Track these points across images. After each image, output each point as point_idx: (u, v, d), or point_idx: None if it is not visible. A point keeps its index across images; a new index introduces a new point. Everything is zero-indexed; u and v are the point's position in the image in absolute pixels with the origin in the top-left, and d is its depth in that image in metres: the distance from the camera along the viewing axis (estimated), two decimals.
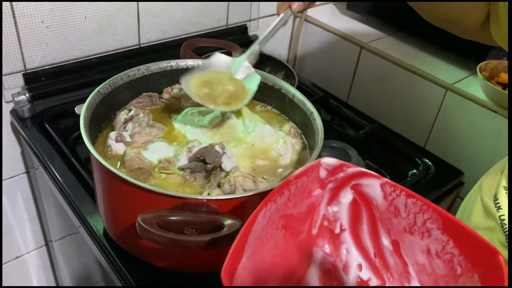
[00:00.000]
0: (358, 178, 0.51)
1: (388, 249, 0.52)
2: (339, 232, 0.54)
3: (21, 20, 0.90)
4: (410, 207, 0.49)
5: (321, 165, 0.51)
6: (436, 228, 0.47)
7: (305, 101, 0.73)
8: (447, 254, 0.47)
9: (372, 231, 0.52)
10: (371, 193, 0.51)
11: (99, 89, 0.69)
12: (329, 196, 0.53)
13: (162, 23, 1.12)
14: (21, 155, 1.06)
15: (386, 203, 0.50)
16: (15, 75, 0.94)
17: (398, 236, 0.51)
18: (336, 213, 0.54)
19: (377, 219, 0.52)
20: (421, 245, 0.49)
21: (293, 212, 0.51)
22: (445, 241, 0.47)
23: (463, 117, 1.11)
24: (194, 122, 0.74)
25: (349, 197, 0.52)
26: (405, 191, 0.49)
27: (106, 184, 0.62)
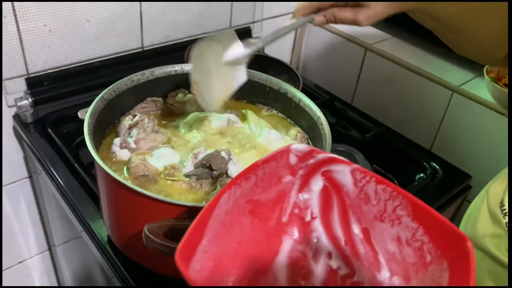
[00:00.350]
0: (328, 164, 0.50)
1: (359, 237, 0.51)
2: (309, 220, 0.53)
3: (23, 24, 0.89)
4: (380, 194, 0.48)
5: (290, 151, 0.50)
6: (406, 215, 0.47)
7: (312, 105, 0.72)
8: (417, 242, 0.46)
9: (342, 219, 0.52)
10: (342, 179, 0.50)
11: (103, 94, 0.68)
12: (299, 183, 0.52)
13: (165, 26, 1.11)
14: (24, 159, 1.05)
15: (357, 190, 0.50)
16: (17, 80, 0.93)
17: (368, 223, 0.50)
18: (307, 201, 0.53)
19: (347, 206, 0.51)
20: (392, 233, 0.48)
21: (261, 198, 0.50)
22: (415, 228, 0.46)
23: (469, 119, 1.09)
24: (200, 127, 0.73)
25: (320, 184, 0.52)
26: (375, 177, 0.48)
27: (110, 192, 0.61)
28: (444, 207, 0.89)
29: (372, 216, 0.49)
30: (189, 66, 0.78)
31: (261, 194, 0.49)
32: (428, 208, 0.46)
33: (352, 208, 0.51)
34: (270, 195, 0.51)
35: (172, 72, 0.78)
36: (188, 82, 0.79)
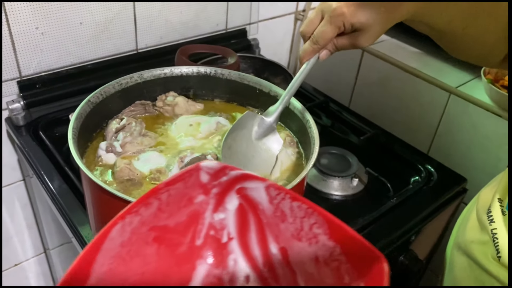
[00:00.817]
0: (243, 181, 0.48)
1: (277, 257, 0.49)
2: (226, 241, 0.50)
3: (15, 27, 0.89)
4: (296, 211, 0.46)
5: (201, 169, 0.47)
6: (322, 233, 0.44)
7: (301, 108, 0.71)
8: (335, 262, 0.44)
9: (260, 238, 0.49)
10: (257, 197, 0.48)
11: (90, 98, 0.68)
12: (214, 202, 0.49)
13: (160, 28, 1.10)
14: (18, 162, 1.05)
15: (272, 207, 0.47)
16: (9, 83, 0.93)
17: (286, 243, 0.48)
18: (222, 221, 0.50)
19: (264, 225, 0.49)
20: (309, 252, 0.46)
21: (169, 223, 0.46)
22: (332, 248, 0.44)
23: (467, 121, 1.08)
24: (188, 130, 0.73)
25: (235, 202, 0.49)
26: (290, 193, 0.46)
27: (93, 197, 0.60)
28: (439, 210, 0.88)
29: (290, 234, 0.47)
30: (178, 69, 0.78)
31: (168, 219, 0.46)
32: (344, 227, 0.43)
33: (269, 227, 0.49)
34: (180, 218, 0.47)
35: (162, 75, 0.77)
36: (177, 84, 0.79)
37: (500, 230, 0.61)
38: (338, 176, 0.88)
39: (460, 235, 0.70)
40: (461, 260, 0.68)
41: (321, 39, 0.62)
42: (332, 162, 0.91)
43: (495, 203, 0.64)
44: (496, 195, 0.64)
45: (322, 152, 0.93)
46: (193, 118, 0.75)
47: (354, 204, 0.87)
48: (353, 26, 0.59)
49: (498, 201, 0.64)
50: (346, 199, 0.87)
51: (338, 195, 0.87)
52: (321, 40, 0.62)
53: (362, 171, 0.91)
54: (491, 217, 0.62)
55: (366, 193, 0.88)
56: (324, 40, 0.62)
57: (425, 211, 0.85)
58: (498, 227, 0.61)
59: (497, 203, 0.64)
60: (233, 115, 0.78)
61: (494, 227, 0.62)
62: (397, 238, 0.80)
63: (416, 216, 0.83)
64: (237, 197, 0.49)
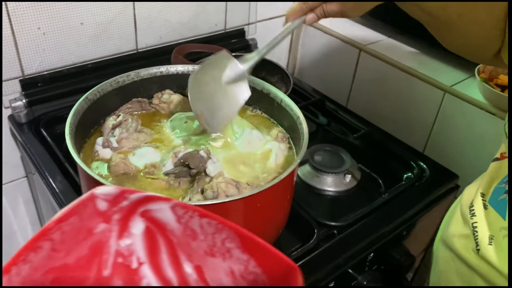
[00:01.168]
0: (145, 204, 0.46)
1: (192, 276, 0.48)
2: (137, 266, 0.49)
3: (17, 27, 0.92)
4: (206, 228, 0.45)
5: (96, 197, 0.44)
6: (235, 247, 0.44)
7: (292, 105, 0.73)
8: (251, 275, 0.44)
9: (172, 259, 0.48)
10: (163, 218, 0.46)
11: (87, 95, 0.70)
12: (117, 229, 0.47)
13: (159, 28, 1.13)
14: (21, 159, 1.07)
15: (181, 227, 0.46)
16: (12, 81, 0.96)
17: (200, 260, 0.47)
18: (130, 246, 0.48)
19: (175, 245, 0.47)
20: (224, 267, 0.45)
21: (68, 261, 0.44)
22: (246, 261, 0.44)
23: (461, 119, 1.09)
24: (183, 127, 0.75)
25: (141, 226, 0.47)
26: (198, 211, 0.45)
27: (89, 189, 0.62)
28: (430, 206, 0.89)
29: (203, 252, 0.46)
30: (174, 68, 0.80)
31: (66, 257, 0.43)
32: (255, 239, 0.43)
33: (180, 247, 0.47)
34: (81, 252, 0.45)
35: (158, 73, 0.80)
36: (173, 82, 0.81)
37: (480, 224, 0.62)
38: (332, 173, 0.89)
39: (445, 230, 0.72)
40: (445, 253, 0.70)
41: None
42: (325, 159, 0.93)
43: (477, 198, 0.65)
44: (479, 190, 0.66)
45: (316, 149, 0.94)
46: (188, 115, 0.77)
47: (347, 200, 0.88)
48: None
49: (480, 196, 0.65)
50: (339, 195, 0.89)
51: (331, 191, 0.89)
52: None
53: (355, 168, 0.93)
54: (473, 211, 0.64)
55: (359, 189, 0.90)
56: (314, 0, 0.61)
57: (417, 207, 0.87)
58: (479, 221, 0.63)
59: (480, 197, 0.65)
60: None
61: (475, 221, 0.63)
62: (388, 232, 0.82)
63: (407, 211, 0.85)
64: (142, 220, 0.47)
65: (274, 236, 0.69)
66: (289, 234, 0.78)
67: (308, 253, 0.74)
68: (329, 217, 0.81)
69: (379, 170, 0.93)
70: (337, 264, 0.75)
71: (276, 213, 0.66)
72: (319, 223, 0.79)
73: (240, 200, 0.56)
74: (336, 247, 0.77)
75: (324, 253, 0.75)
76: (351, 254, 0.77)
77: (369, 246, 0.79)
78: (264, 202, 0.60)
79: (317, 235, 0.76)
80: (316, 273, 0.72)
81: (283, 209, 0.68)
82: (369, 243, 0.79)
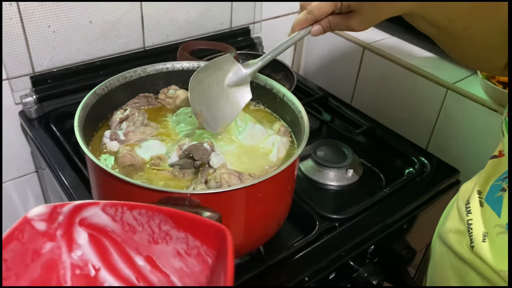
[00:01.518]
0: (79, 213, 0.47)
1: (146, 268, 0.49)
2: (95, 273, 0.50)
3: (28, 25, 0.94)
4: (139, 219, 0.47)
5: (31, 219, 0.45)
6: (171, 228, 0.46)
7: (294, 100, 0.75)
8: (193, 249, 0.46)
9: (124, 258, 0.50)
10: (99, 221, 0.48)
11: (95, 90, 0.73)
12: (65, 244, 0.48)
13: (166, 27, 1.15)
14: (31, 154, 1.10)
15: (119, 225, 0.48)
16: (23, 78, 0.99)
17: (147, 251, 0.49)
18: (82, 256, 0.50)
19: (121, 243, 0.49)
20: (170, 250, 0.47)
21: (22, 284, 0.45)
22: (185, 237, 0.46)
23: (463, 116, 1.11)
24: (187, 121, 0.77)
25: (84, 235, 0.49)
26: (126, 205, 0.47)
27: (98, 180, 0.65)
28: (431, 201, 0.91)
29: (146, 242, 0.48)
30: (180, 64, 0.82)
31: (18, 281, 0.44)
32: (183, 214, 0.45)
33: (126, 243, 0.49)
34: (34, 274, 0.46)
35: (164, 69, 0.82)
36: (178, 78, 0.84)
37: (476, 221, 0.63)
38: (334, 167, 0.91)
39: (442, 225, 0.73)
40: (441, 248, 0.71)
41: (316, 10, 0.62)
42: (328, 154, 0.95)
43: (474, 195, 0.66)
44: (476, 187, 0.67)
45: (319, 145, 0.96)
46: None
47: (349, 194, 0.90)
48: (349, 6, 0.59)
49: (477, 193, 0.66)
50: (341, 189, 0.91)
51: (333, 186, 0.91)
52: (316, 11, 0.62)
53: (357, 163, 0.94)
54: (469, 208, 0.64)
55: (361, 184, 0.92)
56: (319, 12, 0.62)
57: (417, 201, 0.88)
58: (474, 218, 0.63)
59: (476, 194, 0.65)
60: None
61: (470, 218, 0.64)
62: (389, 225, 0.83)
63: (408, 205, 0.86)
64: (83, 229, 0.48)
65: (275, 227, 0.71)
66: (291, 226, 0.80)
67: (309, 244, 0.76)
68: (331, 210, 0.82)
69: (381, 165, 0.95)
70: (337, 256, 0.77)
71: (278, 203, 0.68)
72: (321, 216, 0.81)
73: (242, 189, 0.58)
74: (337, 239, 0.78)
75: (325, 245, 0.77)
76: (352, 246, 0.78)
77: (369, 238, 0.81)
78: (265, 192, 0.62)
79: (318, 228, 0.78)
80: (317, 263, 0.74)
81: (285, 200, 0.70)
82: (369, 235, 0.81)
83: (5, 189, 1.10)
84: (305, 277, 0.72)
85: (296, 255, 0.75)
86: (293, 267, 0.73)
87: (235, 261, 0.72)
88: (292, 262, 0.74)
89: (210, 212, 0.54)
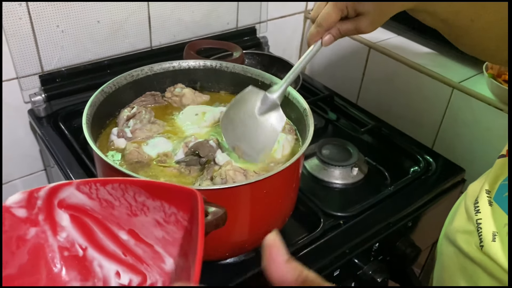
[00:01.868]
0: (55, 195, 0.48)
1: (131, 242, 0.50)
2: (83, 253, 0.51)
3: (37, 25, 0.96)
4: (114, 193, 0.47)
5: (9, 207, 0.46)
6: (146, 198, 0.46)
7: (299, 98, 0.75)
8: (171, 216, 0.46)
9: (108, 234, 0.50)
10: (77, 201, 0.48)
11: (103, 88, 0.74)
12: (49, 227, 0.49)
13: (173, 27, 1.16)
14: (40, 152, 1.12)
15: (96, 202, 0.48)
16: (32, 77, 1.00)
17: (129, 224, 0.49)
18: (68, 238, 0.50)
19: (102, 220, 0.49)
20: (150, 221, 0.47)
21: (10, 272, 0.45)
22: (161, 206, 0.46)
23: (469, 115, 1.11)
24: (193, 119, 0.78)
25: (65, 216, 0.49)
26: (99, 181, 0.47)
27: (104, 176, 0.66)
28: (436, 199, 0.91)
29: (126, 216, 0.48)
30: (186, 63, 0.83)
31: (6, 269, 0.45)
32: (155, 183, 0.46)
33: (107, 220, 0.49)
34: (21, 260, 0.47)
35: (170, 68, 0.83)
36: (185, 77, 0.85)
37: (485, 220, 0.63)
38: (339, 166, 0.92)
39: (449, 225, 0.73)
40: (448, 248, 0.70)
41: (325, 21, 0.62)
42: (333, 152, 0.95)
43: (482, 194, 0.65)
44: (485, 187, 0.66)
45: (324, 143, 0.97)
46: (199, 108, 0.80)
47: (353, 192, 0.90)
48: (356, 10, 0.60)
49: (486, 192, 0.65)
50: (347, 187, 0.91)
51: (339, 184, 0.91)
52: (324, 22, 0.63)
53: (362, 161, 0.95)
54: (478, 208, 0.64)
55: (366, 182, 0.92)
56: (328, 22, 0.63)
57: (422, 199, 0.88)
58: (483, 217, 0.63)
59: (485, 194, 0.65)
60: None
61: (479, 217, 0.63)
62: (393, 223, 0.84)
63: (412, 203, 0.87)
64: (63, 211, 0.49)
65: (280, 223, 0.72)
66: (296, 224, 0.81)
67: (314, 241, 0.77)
68: (336, 208, 0.83)
69: (386, 164, 0.95)
70: (342, 253, 0.77)
71: (282, 200, 0.69)
72: (326, 214, 0.81)
73: (247, 185, 0.59)
74: (341, 237, 0.79)
75: (330, 242, 0.78)
76: (356, 243, 0.79)
77: (374, 236, 0.81)
78: (270, 188, 0.62)
79: (323, 225, 0.78)
80: (321, 260, 0.75)
81: (289, 196, 0.71)
82: (374, 233, 0.81)
83: (13, 187, 1.11)
84: None
85: (301, 251, 0.75)
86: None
87: (240, 258, 0.73)
88: (297, 258, 0.73)
89: (215, 208, 0.54)
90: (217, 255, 0.69)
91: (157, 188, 0.46)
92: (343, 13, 0.62)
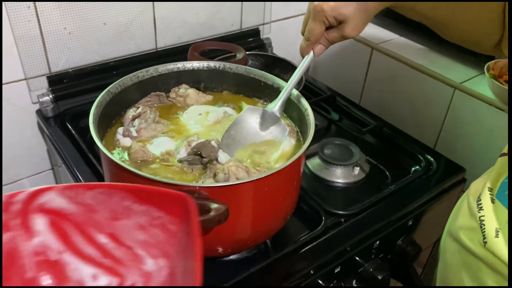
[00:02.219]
0: (35, 199, 0.47)
1: (110, 244, 0.50)
2: (57, 257, 0.50)
3: (45, 27, 0.98)
4: (99, 198, 0.48)
5: None
6: (132, 203, 0.47)
7: (301, 98, 0.77)
8: (157, 219, 0.47)
9: (86, 238, 0.50)
10: (58, 205, 0.48)
11: (109, 88, 0.76)
12: (23, 232, 0.48)
13: (178, 28, 1.18)
14: (47, 152, 1.14)
15: (77, 206, 0.48)
16: (40, 78, 1.02)
17: (110, 228, 0.49)
18: (42, 243, 0.50)
19: (82, 224, 0.50)
20: (133, 224, 0.48)
21: None
22: (147, 210, 0.47)
23: (471, 115, 1.12)
24: (197, 119, 0.80)
25: (43, 220, 0.49)
26: (84, 186, 0.48)
27: (111, 174, 0.67)
28: (436, 198, 0.92)
29: (108, 220, 0.49)
30: (190, 64, 0.85)
31: None
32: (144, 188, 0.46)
33: (86, 224, 0.50)
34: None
35: (175, 69, 0.85)
36: (189, 78, 0.86)
37: (488, 217, 0.64)
38: (341, 165, 0.93)
39: (452, 223, 0.74)
40: (452, 246, 0.71)
41: (311, 35, 0.67)
42: (335, 151, 0.96)
43: (485, 192, 0.67)
44: (487, 184, 0.67)
45: (326, 143, 0.98)
46: (202, 108, 0.82)
47: (355, 191, 0.92)
48: (336, 19, 0.64)
49: (488, 190, 0.67)
50: (348, 187, 0.92)
51: (340, 183, 0.93)
52: (311, 36, 0.68)
53: (363, 161, 0.96)
54: (480, 205, 0.65)
55: (367, 181, 0.93)
56: (314, 36, 0.67)
57: (422, 198, 0.90)
58: (486, 214, 0.64)
59: (487, 191, 0.66)
60: (240, 105, 0.84)
61: (482, 215, 0.65)
62: (394, 221, 0.85)
63: (413, 201, 0.88)
64: (41, 215, 0.49)
65: (281, 221, 0.73)
66: (298, 222, 0.82)
67: (315, 239, 0.78)
68: (337, 207, 0.84)
69: (387, 163, 0.97)
70: (343, 250, 0.79)
71: (284, 198, 0.70)
72: (327, 212, 0.83)
73: (249, 183, 0.61)
74: (342, 234, 0.80)
75: (331, 240, 0.79)
76: (357, 241, 0.80)
77: (374, 234, 0.82)
78: (272, 186, 0.64)
79: (324, 223, 0.80)
80: (322, 257, 0.76)
81: (291, 194, 0.72)
82: (374, 231, 0.82)
83: (21, 186, 1.14)
84: (310, 270, 0.74)
85: (302, 249, 0.77)
86: (299, 260, 0.75)
87: (243, 254, 0.75)
88: (298, 255, 0.76)
89: (218, 204, 0.56)
90: (220, 251, 0.70)
91: (146, 193, 0.47)
92: (326, 24, 0.66)
